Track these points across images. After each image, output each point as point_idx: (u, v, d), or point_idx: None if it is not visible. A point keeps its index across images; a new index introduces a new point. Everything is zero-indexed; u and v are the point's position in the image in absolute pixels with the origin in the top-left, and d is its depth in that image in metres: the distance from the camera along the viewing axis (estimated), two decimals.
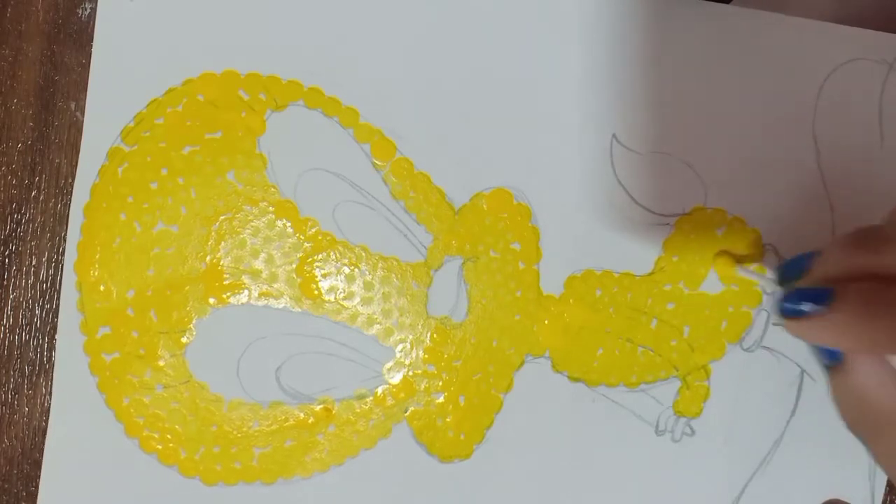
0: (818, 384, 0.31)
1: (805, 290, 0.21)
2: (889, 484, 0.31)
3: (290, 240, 0.30)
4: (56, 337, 0.30)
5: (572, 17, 0.30)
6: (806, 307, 0.21)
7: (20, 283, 0.30)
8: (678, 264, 0.30)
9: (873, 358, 0.22)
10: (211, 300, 0.30)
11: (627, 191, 0.30)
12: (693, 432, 0.31)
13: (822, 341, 0.21)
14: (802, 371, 0.31)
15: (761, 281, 0.28)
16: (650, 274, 0.31)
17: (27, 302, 0.30)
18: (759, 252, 0.30)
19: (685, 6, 0.30)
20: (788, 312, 0.22)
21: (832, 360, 0.23)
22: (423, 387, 0.31)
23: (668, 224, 0.30)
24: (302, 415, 0.30)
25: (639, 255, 0.30)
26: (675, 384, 0.31)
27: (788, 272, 0.24)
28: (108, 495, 0.30)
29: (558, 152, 0.30)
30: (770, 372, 0.31)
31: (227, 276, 0.30)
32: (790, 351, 0.31)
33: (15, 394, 0.31)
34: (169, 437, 0.30)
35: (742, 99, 0.30)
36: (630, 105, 0.30)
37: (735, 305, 0.30)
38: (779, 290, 0.25)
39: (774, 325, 0.30)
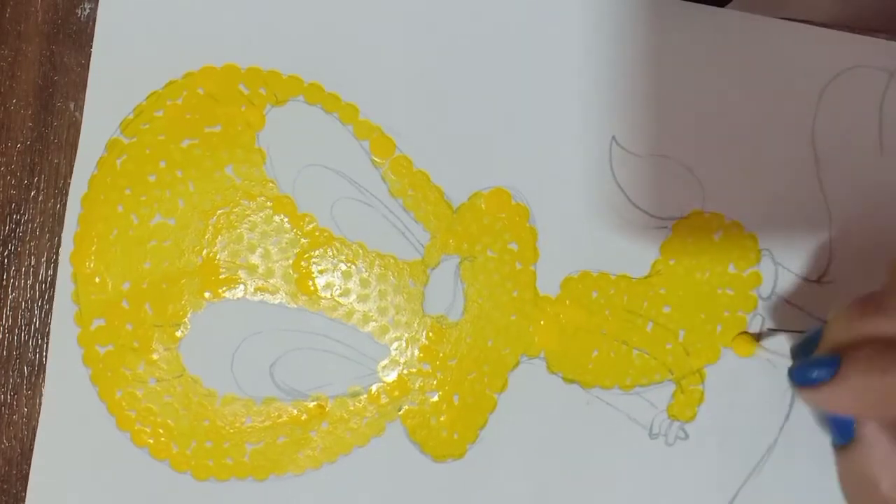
0: None
1: (815, 359, 0.22)
2: None
3: (287, 235, 0.30)
4: (50, 328, 0.30)
5: (575, 19, 0.30)
6: (815, 374, 0.22)
7: (19, 283, 0.30)
8: (675, 268, 0.30)
9: (883, 440, 0.22)
10: (206, 294, 0.30)
11: (626, 193, 0.30)
12: (687, 436, 0.31)
13: (834, 406, 0.22)
14: None
15: (780, 361, 0.29)
16: (647, 277, 0.31)
17: (26, 302, 0.30)
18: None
19: (688, 11, 0.30)
20: (800, 381, 0.23)
21: (842, 440, 0.23)
22: (417, 385, 0.30)
23: (665, 227, 0.30)
24: (295, 411, 0.30)
25: (636, 257, 0.30)
26: (670, 388, 0.31)
27: (802, 350, 0.25)
28: (98, 488, 0.30)
29: (557, 153, 0.30)
30: (765, 377, 0.31)
31: (224, 270, 0.30)
32: (786, 357, 0.30)
33: (14, 394, 0.30)
34: (161, 431, 0.30)
35: (742, 104, 0.30)
36: (630, 108, 0.30)
37: (731, 310, 0.30)
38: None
39: (770, 330, 0.30)
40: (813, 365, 0.22)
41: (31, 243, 0.30)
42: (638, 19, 0.30)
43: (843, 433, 0.23)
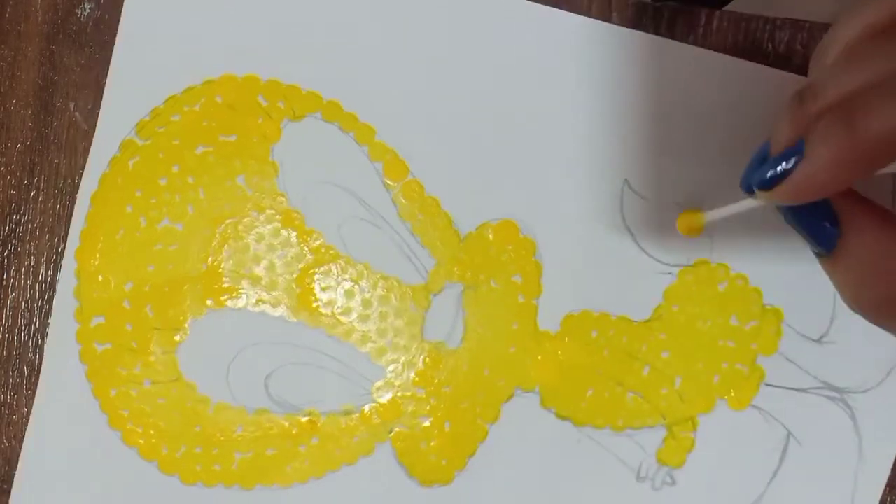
0: (804, 448, 0.31)
1: (777, 156, 0.20)
2: (889, 484, 0.31)
3: (293, 250, 0.30)
4: (49, 321, 0.30)
5: (594, 60, 0.30)
6: (783, 164, 0.20)
7: (19, 283, 0.30)
8: (677, 314, 0.30)
9: (870, 229, 0.21)
10: (208, 301, 0.30)
11: (634, 236, 0.30)
12: (674, 482, 0.31)
13: (812, 187, 0.19)
14: (789, 434, 0.31)
15: (732, 209, 0.25)
16: (647, 321, 0.31)
17: (26, 302, 0.30)
18: None
19: (707, 60, 0.30)
20: (767, 181, 0.20)
21: (827, 245, 0.21)
22: (410, 409, 0.31)
23: (670, 273, 0.30)
24: (287, 424, 0.30)
25: (638, 300, 0.30)
26: (661, 433, 0.31)
27: (756, 169, 0.22)
28: (85, 484, 0.30)
29: (569, 191, 0.30)
30: (757, 432, 0.31)
31: (227, 279, 0.30)
32: (779, 413, 0.31)
33: (14, 394, 0.31)
34: (152, 432, 0.30)
35: (734, 148, 0.30)
36: (644, 153, 0.30)
37: (729, 362, 0.30)
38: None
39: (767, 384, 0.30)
40: (775, 161, 0.20)
41: (31, 243, 0.30)
42: (658, 65, 0.30)
43: (827, 236, 0.21)
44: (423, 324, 0.31)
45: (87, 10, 0.30)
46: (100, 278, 0.30)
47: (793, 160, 0.20)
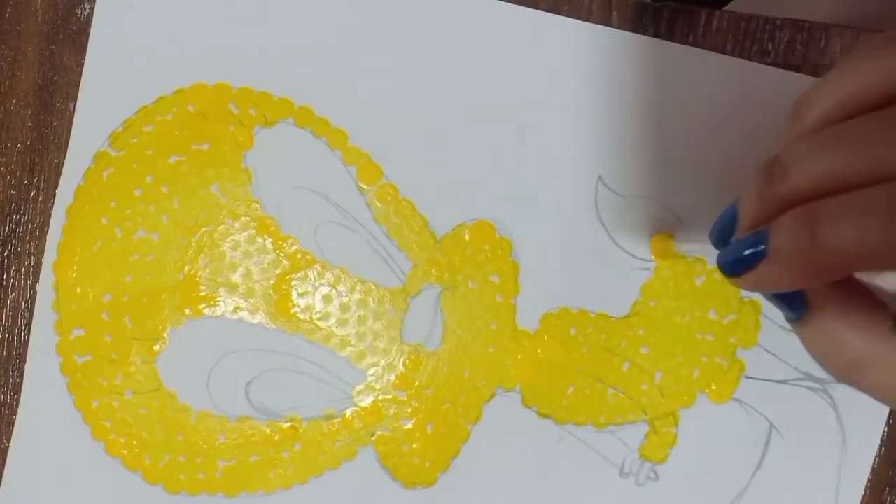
0: (786, 440, 0.31)
1: (740, 242, 0.21)
2: (889, 483, 0.31)
3: (269, 256, 0.30)
4: (30, 335, 0.30)
5: (568, 58, 0.30)
6: (748, 254, 0.20)
7: (19, 283, 0.31)
8: (654, 309, 0.30)
9: (834, 302, 0.21)
10: (186, 310, 0.30)
11: (609, 233, 0.30)
12: (657, 477, 0.31)
13: (775, 284, 0.20)
14: (771, 426, 0.31)
15: (700, 250, 0.27)
16: (626, 317, 0.30)
17: (26, 302, 0.31)
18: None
19: (680, 54, 0.30)
20: (732, 268, 0.21)
21: (795, 313, 0.22)
22: (391, 412, 0.31)
23: (647, 269, 0.30)
24: (269, 431, 0.30)
25: (616, 297, 0.30)
26: (643, 428, 0.31)
27: (721, 233, 0.23)
28: (70, 495, 0.31)
29: (543, 189, 0.30)
30: (739, 424, 0.31)
31: (204, 287, 0.30)
32: (761, 406, 0.31)
33: (14, 394, 0.31)
34: (135, 442, 0.30)
35: (730, 149, 0.30)
36: (618, 149, 0.30)
37: (709, 355, 0.30)
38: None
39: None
40: (740, 247, 0.20)
41: (31, 243, 0.30)
42: (632, 61, 0.30)
43: (795, 306, 0.22)
44: (402, 326, 0.31)
45: (87, 10, 0.30)
46: (78, 290, 0.30)
47: (756, 250, 0.20)
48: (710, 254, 0.24)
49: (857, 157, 0.19)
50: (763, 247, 0.20)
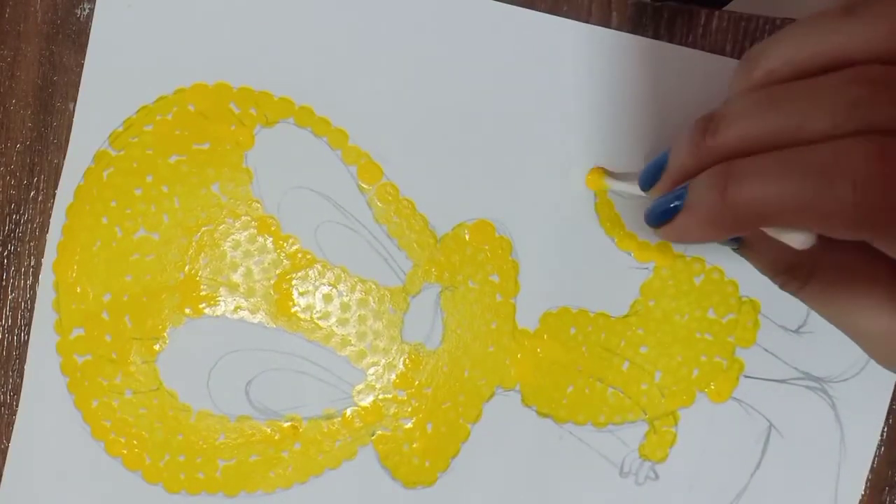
0: (785, 439, 0.31)
1: (666, 196, 0.22)
2: (889, 483, 0.31)
3: (269, 255, 0.30)
4: (30, 334, 0.30)
5: (567, 58, 0.30)
6: (671, 207, 0.22)
7: (19, 283, 0.30)
8: (653, 309, 0.30)
9: (758, 234, 0.24)
10: (186, 310, 0.30)
11: (609, 233, 0.30)
12: (657, 477, 0.31)
13: (688, 237, 0.22)
14: (770, 426, 0.31)
15: (629, 189, 0.28)
16: (625, 316, 0.31)
17: (26, 302, 0.30)
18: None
19: (679, 55, 0.30)
20: (654, 220, 0.23)
21: (735, 242, 0.25)
22: (391, 412, 0.31)
23: (646, 269, 0.30)
24: (269, 430, 0.30)
25: (615, 296, 0.31)
26: (643, 427, 0.31)
27: (650, 176, 0.24)
28: (70, 495, 0.31)
29: (543, 189, 0.30)
30: (738, 424, 0.31)
31: (205, 287, 0.30)
32: (760, 405, 0.31)
33: (14, 394, 0.31)
34: (135, 442, 0.30)
35: None
36: (617, 149, 0.30)
37: (708, 355, 0.31)
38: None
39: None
40: (662, 201, 0.22)
41: (31, 243, 0.30)
42: (632, 61, 0.30)
43: (730, 241, 0.25)
44: (402, 326, 0.31)
45: (87, 11, 0.30)
46: (78, 290, 0.30)
47: (674, 204, 0.21)
48: (636, 195, 0.26)
49: (783, 120, 0.19)
50: (681, 201, 0.21)
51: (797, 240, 0.21)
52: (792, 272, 0.24)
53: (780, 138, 0.19)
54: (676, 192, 0.22)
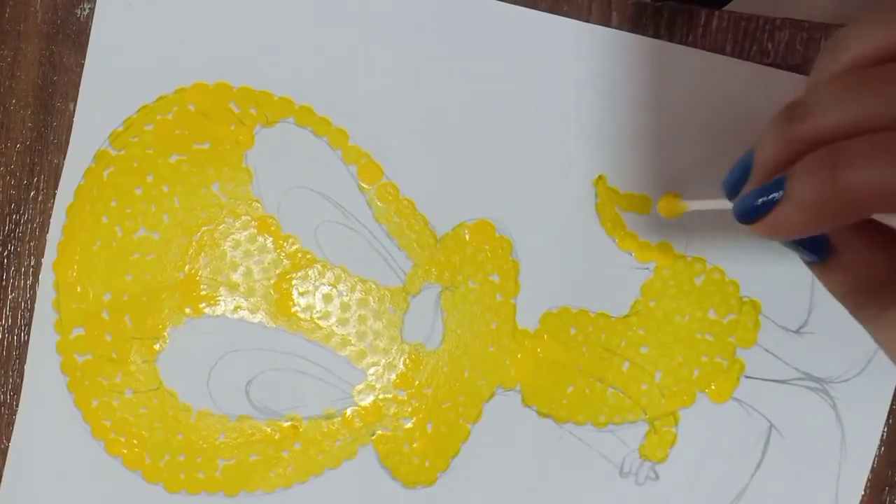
0: (785, 440, 0.31)
1: (758, 189, 0.20)
2: (889, 483, 0.31)
3: (269, 255, 0.30)
4: (30, 334, 0.30)
5: (567, 58, 0.30)
6: (761, 201, 0.20)
7: (19, 283, 0.31)
8: (654, 309, 0.30)
9: (856, 243, 0.21)
10: (186, 310, 0.30)
11: (609, 233, 0.30)
12: (657, 477, 0.31)
13: (791, 230, 0.20)
14: (771, 426, 0.31)
15: (713, 205, 0.26)
16: (626, 316, 0.31)
17: (26, 302, 0.30)
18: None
19: (679, 54, 0.30)
20: (746, 214, 0.21)
21: (819, 257, 0.22)
22: (391, 411, 0.31)
23: (647, 269, 0.30)
24: (269, 430, 0.30)
25: (616, 296, 0.31)
26: (643, 427, 0.31)
27: (735, 182, 0.22)
28: (70, 495, 0.31)
29: (544, 189, 0.30)
30: (739, 424, 0.31)
31: (205, 286, 0.30)
32: (761, 405, 0.31)
33: (14, 394, 0.31)
34: (135, 441, 0.30)
35: (731, 148, 0.30)
36: (617, 148, 0.30)
37: (709, 355, 0.30)
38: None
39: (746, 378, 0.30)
40: (755, 194, 0.20)
41: (31, 243, 0.30)
42: (633, 61, 0.30)
43: (818, 250, 0.22)
44: (403, 326, 0.31)
45: (87, 11, 0.30)
46: (78, 289, 0.30)
47: (772, 196, 0.19)
48: (721, 208, 0.24)
49: (884, 102, 0.18)
50: (780, 192, 0.19)
51: None
52: (874, 295, 0.21)
53: (877, 121, 0.18)
54: (771, 183, 0.20)
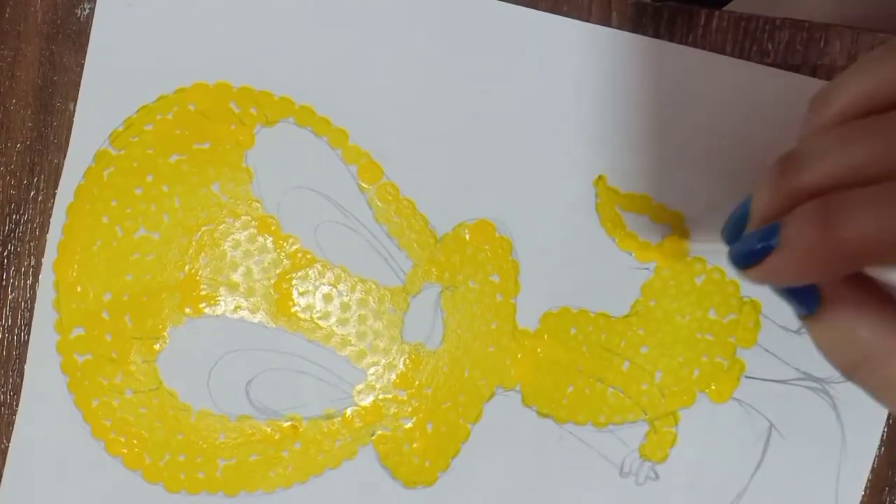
0: (786, 440, 0.31)
1: (751, 234, 0.21)
2: (889, 483, 0.31)
3: (269, 255, 0.30)
4: (30, 334, 0.30)
5: (568, 58, 0.30)
6: (758, 248, 0.20)
7: (19, 283, 0.31)
8: (654, 309, 0.30)
9: (847, 298, 0.21)
10: (186, 309, 0.30)
11: (609, 233, 0.30)
12: (657, 477, 0.31)
13: (783, 278, 0.20)
14: (771, 426, 0.31)
15: (715, 248, 0.27)
16: (626, 316, 0.31)
17: (26, 302, 0.31)
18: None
19: (680, 54, 0.30)
20: (742, 260, 0.21)
21: (808, 309, 0.22)
22: (391, 411, 0.31)
23: (647, 269, 0.30)
24: (269, 430, 0.30)
25: (616, 296, 0.30)
26: (643, 427, 0.31)
27: (734, 230, 0.23)
28: (70, 495, 0.31)
29: (544, 189, 0.30)
30: (739, 424, 0.31)
31: (205, 286, 0.30)
32: (761, 405, 0.31)
33: (14, 394, 0.31)
34: (135, 441, 0.30)
35: (731, 148, 0.30)
36: (617, 148, 0.30)
37: (709, 355, 0.30)
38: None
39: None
40: (751, 240, 0.20)
41: (31, 243, 0.30)
42: (635, 62, 0.30)
43: (808, 301, 0.22)
44: (403, 326, 0.31)
45: (87, 10, 0.30)
46: (78, 289, 0.30)
47: (767, 243, 0.20)
48: (723, 253, 0.24)
49: (874, 153, 0.19)
50: (775, 239, 0.20)
51: None
52: (865, 359, 0.21)
53: (867, 173, 0.18)
54: (767, 229, 0.20)
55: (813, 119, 0.21)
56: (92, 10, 0.30)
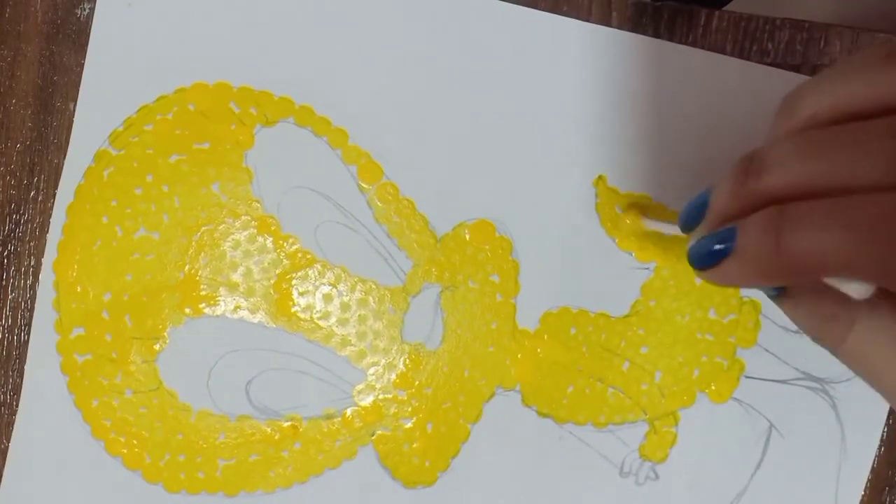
0: (785, 440, 0.31)
1: (709, 237, 0.21)
2: (889, 483, 0.31)
3: (269, 255, 0.30)
4: (30, 334, 0.30)
5: (568, 58, 0.30)
6: (716, 249, 0.20)
7: (19, 283, 0.31)
8: (654, 309, 0.30)
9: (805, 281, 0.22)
10: (186, 310, 0.30)
11: (609, 233, 0.30)
12: (657, 477, 0.31)
13: (735, 282, 0.21)
14: (771, 426, 0.31)
15: (668, 230, 0.27)
16: (626, 316, 0.31)
17: (26, 302, 0.31)
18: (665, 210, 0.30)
19: (680, 54, 0.30)
20: (698, 262, 0.22)
21: (774, 290, 0.23)
22: (391, 411, 0.31)
23: (647, 269, 0.30)
24: (269, 430, 0.30)
25: (616, 296, 0.30)
26: (643, 427, 0.31)
27: (691, 218, 0.23)
28: (70, 494, 0.31)
29: (544, 189, 0.30)
30: (739, 424, 0.31)
31: (205, 286, 0.30)
32: (761, 405, 0.31)
33: (14, 394, 0.31)
34: (135, 441, 0.30)
35: (731, 148, 0.30)
36: (617, 148, 0.30)
37: (709, 355, 0.30)
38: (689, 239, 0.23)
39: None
40: (708, 242, 0.21)
41: (31, 243, 0.30)
42: (634, 62, 0.30)
43: (770, 288, 0.23)
44: (403, 326, 0.31)
45: (87, 10, 0.30)
46: (78, 289, 0.30)
47: (723, 246, 0.20)
48: (677, 232, 0.25)
49: (834, 165, 0.19)
50: (730, 244, 0.20)
51: (856, 289, 0.20)
52: (832, 326, 0.22)
53: (827, 184, 0.19)
54: (722, 233, 0.20)
55: (779, 120, 0.21)
56: (92, 9, 0.30)
